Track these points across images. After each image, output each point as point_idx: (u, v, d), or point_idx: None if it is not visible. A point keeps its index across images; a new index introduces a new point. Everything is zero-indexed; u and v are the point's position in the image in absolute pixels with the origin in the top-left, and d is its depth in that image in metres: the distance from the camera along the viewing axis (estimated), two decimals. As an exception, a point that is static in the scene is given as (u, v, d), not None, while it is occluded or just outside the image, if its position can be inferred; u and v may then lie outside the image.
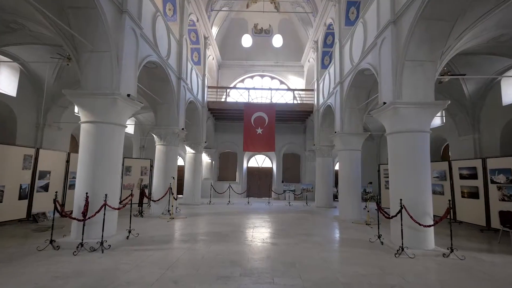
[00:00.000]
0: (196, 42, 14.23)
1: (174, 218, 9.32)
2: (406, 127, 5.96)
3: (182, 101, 10.62)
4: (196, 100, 13.30)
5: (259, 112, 15.17)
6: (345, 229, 8.24)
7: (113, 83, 5.89)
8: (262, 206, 13.87)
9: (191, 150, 14.05)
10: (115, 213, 6.15)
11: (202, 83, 14.57)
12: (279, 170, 18.56)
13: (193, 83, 12.85)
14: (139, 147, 18.14)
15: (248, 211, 11.73)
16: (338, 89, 10.43)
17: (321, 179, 14.13)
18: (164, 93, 9.72)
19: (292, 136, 18.71)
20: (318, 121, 14.26)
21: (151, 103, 10.04)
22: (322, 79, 14.07)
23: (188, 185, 13.88)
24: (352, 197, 9.81)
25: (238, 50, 19.54)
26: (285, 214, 11.04)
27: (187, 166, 14.12)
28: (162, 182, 9.78)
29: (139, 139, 18.10)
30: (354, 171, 9.92)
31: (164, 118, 9.98)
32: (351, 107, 9.94)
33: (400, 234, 5.65)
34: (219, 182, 18.33)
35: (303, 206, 14.23)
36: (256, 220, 9.55)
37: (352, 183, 9.86)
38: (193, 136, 14.03)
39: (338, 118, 10.43)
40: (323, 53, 14.54)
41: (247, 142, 15.10)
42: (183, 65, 10.61)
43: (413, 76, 5.98)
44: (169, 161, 9.93)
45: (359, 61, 8.54)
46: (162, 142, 9.97)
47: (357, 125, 10.02)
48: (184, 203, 13.60)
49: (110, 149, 5.96)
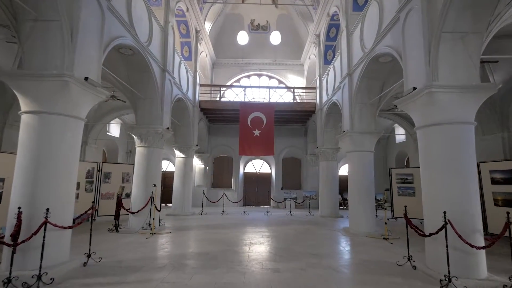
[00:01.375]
0: (187, 36, 12.94)
1: (156, 234, 7.85)
2: (445, 118, 4.60)
3: (168, 97, 9.25)
4: (186, 98, 11.95)
5: (257, 112, 13.82)
6: (360, 245, 6.82)
7: (65, 62, 4.51)
8: (260, 216, 12.41)
9: (180, 154, 12.63)
10: (66, 233, 4.70)
11: (193, 80, 13.24)
12: (278, 176, 17.14)
13: (182, 79, 11.52)
14: (125, 151, 16.69)
15: (245, 223, 10.27)
16: (346, 82, 9.12)
17: (325, 186, 12.73)
18: (145, 86, 8.35)
19: (292, 139, 17.36)
20: (322, 121, 12.94)
21: (131, 98, 8.66)
22: (325, 75, 12.79)
23: (177, 193, 12.42)
24: (365, 206, 8.41)
25: (234, 47, 18.30)
26: (287, 227, 9.59)
27: (177, 172, 12.68)
28: (142, 190, 8.33)
29: (125, 143, 16.65)
30: (367, 176, 8.54)
31: (146, 115, 8.59)
32: (362, 102, 8.62)
33: (442, 258, 4.26)
34: (213, 189, 16.85)
35: (305, 215, 12.79)
36: (253, 234, 8.11)
37: (365, 190, 8.47)
38: (182, 138, 12.63)
39: (346, 115, 9.09)
40: (325, 48, 13.31)
41: (243, 145, 13.72)
42: (168, 56, 9.27)
43: (452, 52, 4.66)
44: (151, 165, 8.51)
45: (373, 45, 7.24)
46: (143, 143, 8.56)
47: (369, 123, 8.68)
48: (173, 214, 12.12)
49: (60, 148, 4.55)
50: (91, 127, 13.01)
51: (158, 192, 8.66)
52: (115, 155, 16.02)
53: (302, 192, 16.41)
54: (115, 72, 7.86)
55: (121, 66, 7.92)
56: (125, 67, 7.95)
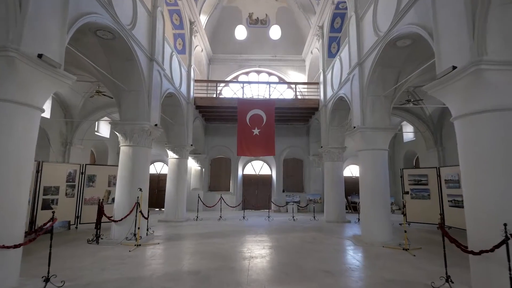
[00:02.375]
0: (180, 27, 11.98)
1: (142, 245, 6.83)
2: (497, 103, 3.62)
3: (156, 91, 8.26)
4: (179, 94, 10.96)
5: (256, 110, 12.85)
6: (379, 259, 5.82)
7: (10, 34, 3.51)
8: (261, 221, 11.40)
9: (174, 155, 11.63)
10: (12, 253, 3.66)
11: (187, 75, 12.26)
12: (279, 178, 16.14)
13: (175, 72, 10.53)
14: (116, 153, 15.63)
15: (243, 230, 9.25)
16: (356, 72, 8.16)
17: (331, 188, 11.74)
18: (128, 76, 7.36)
19: (294, 138, 16.37)
20: (326, 118, 11.96)
21: (114, 91, 7.66)
22: (329, 69, 11.84)
23: (170, 197, 11.40)
24: (379, 212, 7.41)
25: (231, 43, 17.34)
26: (291, 234, 8.58)
27: (170, 174, 11.67)
28: (126, 195, 7.31)
29: (116, 144, 15.60)
30: (380, 178, 7.55)
31: (131, 110, 7.59)
32: (374, 94, 7.65)
33: (499, 283, 3.27)
34: (210, 192, 15.83)
35: (309, 220, 11.78)
36: (253, 245, 7.09)
37: (379, 193, 7.47)
38: (176, 138, 11.63)
39: (357, 110, 8.12)
40: (329, 40, 12.36)
41: (242, 145, 12.73)
42: (157, 45, 8.29)
43: (503, 21, 3.69)
44: (137, 167, 7.50)
45: (390, 27, 6.28)
46: (127, 142, 7.55)
47: (382, 117, 7.71)
48: (165, 220, 11.09)
49: (7, 144, 3.55)
50: (76, 126, 12.00)
51: (145, 197, 7.64)
52: (105, 157, 14.99)
53: (305, 195, 15.42)
54: (94, 60, 6.89)
55: (101, 52, 6.93)
56: (105, 53, 6.96)
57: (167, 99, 10.58)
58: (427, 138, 12.82)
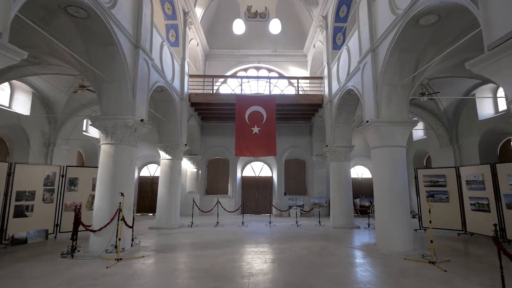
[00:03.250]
0: (173, 17, 11.06)
1: (123, 259, 5.85)
2: None
3: (143, 82, 7.32)
4: (172, 88, 10.02)
5: (255, 106, 11.92)
6: (404, 276, 4.84)
7: None
8: (262, 228, 10.43)
9: (166, 155, 10.67)
10: None
11: (180, 69, 11.33)
12: (281, 180, 15.18)
13: (166, 65, 9.60)
14: (107, 154, 14.64)
15: (242, 238, 8.29)
16: (369, 60, 7.23)
17: (337, 190, 10.80)
18: (109, 64, 6.42)
19: (296, 138, 15.43)
20: (332, 114, 11.03)
21: (94, 82, 6.72)
22: (335, 62, 10.93)
23: (162, 202, 10.42)
24: (398, 217, 6.45)
25: (229, 37, 16.44)
26: (296, 244, 7.61)
27: (162, 176, 10.70)
28: (107, 201, 6.35)
29: (107, 145, 14.63)
30: (399, 179, 6.60)
31: (112, 103, 6.65)
32: (390, 84, 6.72)
33: None
34: (207, 196, 14.85)
35: (315, 226, 10.81)
36: (253, 257, 6.12)
37: (397, 195, 6.52)
38: (168, 137, 10.68)
39: (370, 102, 7.19)
40: (334, 30, 11.45)
41: (240, 144, 11.79)
42: (144, 31, 7.37)
43: None
44: (120, 168, 6.53)
45: (411, 2, 5.37)
46: (108, 139, 6.60)
47: (400, 110, 6.78)
48: (157, 227, 10.12)
49: None
50: (60, 125, 11.04)
51: (129, 203, 6.67)
52: (94, 159, 14.00)
53: (309, 199, 14.45)
54: (70, 45, 5.98)
55: (77, 37, 6.00)
56: (82, 38, 6.02)
57: (158, 94, 9.66)
58: (441, 135, 11.88)
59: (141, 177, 15.70)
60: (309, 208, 13.41)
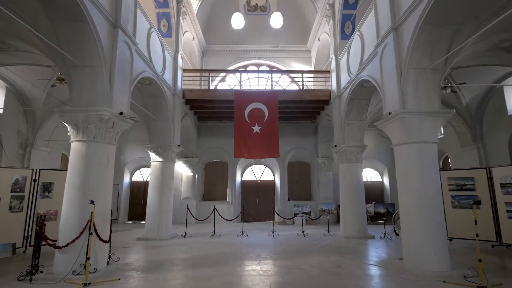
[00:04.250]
0: (164, 5, 10.03)
1: (92, 283, 4.70)
2: None
3: (124, 69, 6.22)
4: (162, 82, 8.93)
5: (256, 103, 10.83)
6: (454, 310, 3.67)
7: None
8: (264, 238, 9.25)
9: (157, 157, 9.54)
10: None
11: (173, 62, 10.26)
12: (284, 184, 14.01)
13: (155, 55, 8.52)
14: (96, 157, 13.52)
15: (242, 252, 7.11)
16: (390, 41, 6.14)
17: (348, 195, 9.64)
18: (80, 46, 5.33)
19: (300, 139, 14.30)
20: (341, 111, 9.92)
21: (63, 67, 5.63)
22: (344, 52, 9.85)
23: (152, 209, 9.27)
24: (430, 229, 5.29)
25: (227, 32, 15.41)
26: (305, 259, 6.42)
27: (152, 181, 9.56)
28: (76, 210, 5.21)
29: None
30: (430, 181, 5.45)
31: (84, 92, 5.54)
32: (418, 67, 5.61)
33: None
34: (204, 202, 13.67)
35: (323, 236, 9.62)
36: (254, 280, 4.94)
37: (428, 202, 5.36)
38: (159, 136, 9.57)
39: (392, 90, 6.08)
40: (342, 19, 10.40)
41: (240, 145, 10.68)
42: (125, 9, 6.30)
43: None
44: (93, 170, 5.41)
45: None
46: (79, 135, 5.48)
47: (430, 98, 5.65)
48: (145, 238, 8.95)
49: None
50: (39, 124, 9.94)
51: (105, 213, 5.53)
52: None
53: (317, 205, 13.26)
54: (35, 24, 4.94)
55: (40, 11, 4.93)
56: (46, 13, 4.96)
57: (147, 87, 8.58)
58: (462, 133, 10.73)
59: (134, 182, 14.55)
60: (317, 216, 12.22)
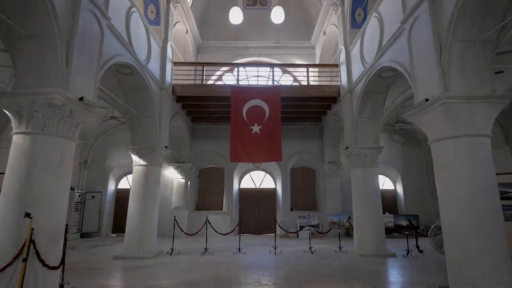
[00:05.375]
0: (152, -12, 8.87)
1: (22, 332, 3.28)
2: None
3: (89, 44, 4.95)
4: (146, 72, 7.67)
5: (255, 100, 9.57)
6: None
7: None
8: (265, 256, 7.83)
9: (140, 160, 8.21)
10: None
11: (161, 52, 9.03)
12: (286, 192, 12.63)
13: (137, 38, 7.27)
14: (78, 163, 12.19)
15: (238, 278, 5.70)
16: (423, 12, 4.89)
17: (364, 205, 8.27)
18: (24, 9, 4.06)
19: (303, 142, 13.00)
20: (353, 107, 8.64)
21: (6, 38, 4.35)
22: (357, 39, 8.62)
23: (133, 221, 7.87)
24: (489, 252, 3.94)
25: (225, 28, 14.28)
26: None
27: (134, 188, 8.20)
28: (11, 226, 3.85)
29: (79, 151, 12.19)
30: (486, 188, 4.13)
31: (32, 70, 4.25)
32: (466, 39, 4.35)
33: None
34: (197, 212, 12.25)
35: (334, 253, 8.21)
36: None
37: (485, 216, 4.03)
38: (143, 136, 8.26)
39: (426, 72, 4.81)
40: (353, 5, 9.26)
41: (237, 147, 9.39)
42: (93, -27, 5.07)
43: None
44: (37, 173, 4.06)
45: None
46: (22, 126, 4.16)
47: (482, 79, 4.37)
48: (124, 256, 7.53)
49: None
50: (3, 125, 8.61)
51: (55, 230, 4.16)
52: (60, 167, 11.49)
53: (324, 216, 11.82)
54: None
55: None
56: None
57: (128, 78, 7.32)
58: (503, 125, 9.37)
59: (119, 190, 13.13)
60: (326, 229, 10.79)
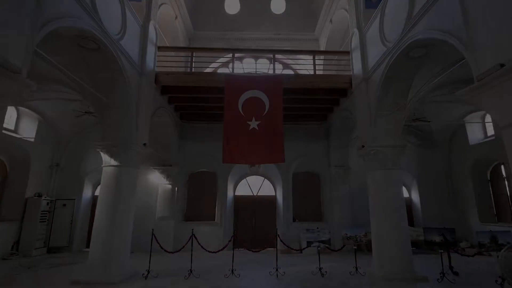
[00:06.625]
0: (131, -44, 7.48)
1: None
2: None
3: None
4: (118, 49, 6.20)
5: (253, 91, 8.13)
6: None
7: None
8: (263, 281, 6.26)
9: (111, 160, 6.68)
10: None
11: (141, 32, 7.59)
12: (288, 200, 11.05)
13: (107, 6, 5.84)
14: (48, 165, 10.58)
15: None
16: None
17: (385, 216, 6.77)
18: None
19: (307, 144, 11.51)
20: (372, 98, 7.20)
21: None
22: (375, 18, 7.21)
23: (99, 237, 6.29)
24: None
25: (220, 17, 12.96)
26: None
27: (102, 194, 6.67)
28: None
29: (49, 150, 10.60)
30: None
31: None
32: None
33: None
34: (186, 223, 10.63)
35: (350, 275, 6.64)
36: None
37: None
38: (115, 130, 6.75)
39: (497, 28, 3.37)
40: (367, -18, 7.94)
41: (230, 146, 7.93)
42: None
43: None
44: None
45: None
46: None
47: None
48: (85, 281, 5.92)
49: None
50: None
51: None
52: (26, 170, 9.88)
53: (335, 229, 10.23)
54: None
55: None
56: None
57: (94, 55, 5.86)
58: None
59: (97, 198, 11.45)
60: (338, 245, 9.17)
